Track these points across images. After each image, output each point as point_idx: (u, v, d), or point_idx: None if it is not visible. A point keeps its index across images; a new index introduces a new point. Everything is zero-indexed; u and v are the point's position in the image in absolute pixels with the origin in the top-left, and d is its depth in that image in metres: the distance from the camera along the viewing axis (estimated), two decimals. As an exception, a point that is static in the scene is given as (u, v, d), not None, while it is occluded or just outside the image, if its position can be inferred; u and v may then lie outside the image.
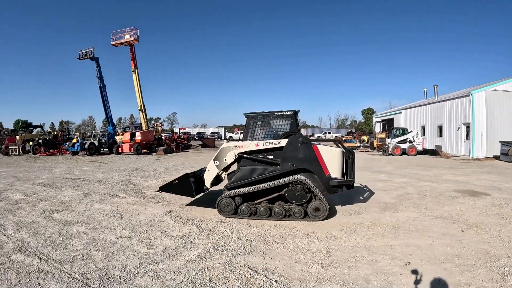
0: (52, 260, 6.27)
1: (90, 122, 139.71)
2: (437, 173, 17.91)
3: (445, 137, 32.08)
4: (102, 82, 36.60)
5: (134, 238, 7.47)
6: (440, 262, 6.05)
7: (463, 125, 29.09)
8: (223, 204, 9.23)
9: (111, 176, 17.66)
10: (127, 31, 40.39)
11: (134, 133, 35.69)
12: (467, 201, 10.93)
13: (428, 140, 34.12)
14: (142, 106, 42.79)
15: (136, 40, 40.42)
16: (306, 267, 5.89)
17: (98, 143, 34.66)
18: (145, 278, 5.47)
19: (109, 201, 11.29)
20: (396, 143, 30.36)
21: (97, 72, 36.38)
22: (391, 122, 46.09)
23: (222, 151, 9.65)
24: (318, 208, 8.76)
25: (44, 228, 8.31)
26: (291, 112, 9.52)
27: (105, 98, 36.92)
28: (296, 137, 9.11)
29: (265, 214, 8.95)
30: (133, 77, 41.95)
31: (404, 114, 42.89)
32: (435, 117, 34.37)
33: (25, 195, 12.49)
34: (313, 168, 9.02)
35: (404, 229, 8.08)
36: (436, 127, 33.87)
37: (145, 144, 35.37)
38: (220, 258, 6.28)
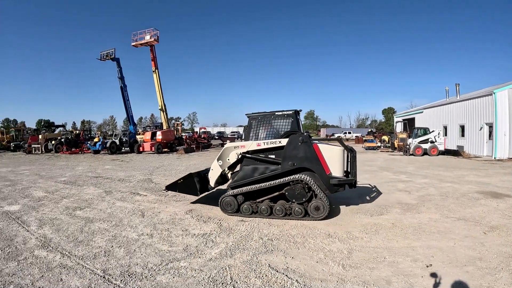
0: (75, 256, 6.38)
1: (111, 122, 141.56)
2: (459, 174, 17.66)
3: (467, 137, 31.55)
4: (123, 82, 37.02)
5: (156, 236, 7.55)
6: (462, 265, 5.97)
7: (486, 125, 28.53)
8: (225, 203, 9.41)
9: (132, 174, 17.86)
10: (147, 32, 40.70)
11: (155, 133, 35.93)
12: (489, 203, 10.75)
13: (449, 140, 33.61)
14: (162, 105, 43.09)
15: (157, 41, 40.70)
16: (327, 267, 5.87)
17: (119, 142, 35.06)
18: (166, 275, 5.53)
19: (131, 199, 11.43)
20: (418, 143, 29.98)
21: (118, 72, 36.83)
22: (412, 122, 45.57)
23: (225, 151, 9.75)
24: (318, 207, 8.78)
25: (67, 224, 8.46)
26: (292, 111, 9.58)
27: (126, 98, 37.31)
28: (297, 136, 9.13)
29: (266, 212, 9.06)
30: (154, 77, 42.26)
31: (425, 114, 42.35)
32: (457, 117, 33.83)
33: (48, 192, 12.71)
34: (314, 167, 9.03)
35: (426, 230, 7.99)
36: (458, 127, 33.34)
37: (166, 143, 35.62)
38: (241, 257, 6.31)
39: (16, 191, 13.11)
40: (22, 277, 5.49)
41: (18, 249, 6.76)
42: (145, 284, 5.23)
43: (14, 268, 5.83)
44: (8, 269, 5.79)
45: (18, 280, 5.36)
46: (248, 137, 9.79)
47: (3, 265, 5.98)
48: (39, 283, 5.26)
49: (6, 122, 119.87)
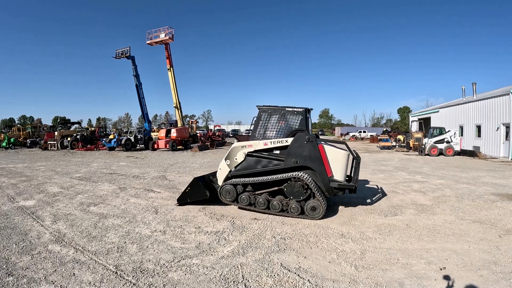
0: (88, 251, 6.44)
1: (126, 119, 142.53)
2: (475, 175, 17.44)
3: (484, 137, 31.14)
4: (138, 80, 37.17)
5: (169, 233, 7.58)
6: (476, 269, 5.89)
7: (503, 125, 28.12)
8: (225, 190, 9.54)
9: (147, 171, 17.96)
10: (162, 30, 40.73)
11: (169, 130, 36.15)
12: (506, 205, 10.60)
13: (466, 140, 33.26)
14: (177, 103, 43.17)
15: (171, 39, 40.72)
16: (339, 268, 5.84)
17: (134, 139, 35.29)
18: (178, 272, 5.55)
19: (145, 196, 11.49)
20: (433, 143, 29.66)
21: (133, 70, 36.99)
22: (428, 121, 45.30)
23: (233, 151, 9.71)
24: (315, 207, 8.80)
25: (81, 220, 8.53)
26: (303, 109, 9.60)
27: (141, 96, 37.47)
28: (303, 135, 9.12)
29: (263, 205, 9.13)
30: (169, 75, 42.33)
31: (441, 113, 41.99)
32: (473, 117, 33.43)
33: (63, 188, 12.84)
34: (316, 167, 9.03)
35: (441, 232, 7.90)
36: (475, 127, 32.94)
37: (180, 140, 35.83)
38: (254, 256, 6.31)
39: (31, 186, 13.25)
40: (35, 271, 5.55)
41: (32, 244, 6.83)
42: (157, 280, 5.25)
43: (27, 262, 5.90)
44: (22, 263, 5.85)
45: (32, 274, 5.42)
46: (256, 129, 9.79)
47: (17, 259, 6.05)
48: (51, 278, 5.31)
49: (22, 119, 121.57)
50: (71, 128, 47.46)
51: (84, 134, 38.35)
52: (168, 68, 42.08)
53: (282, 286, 5.13)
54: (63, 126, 48.16)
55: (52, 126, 52.77)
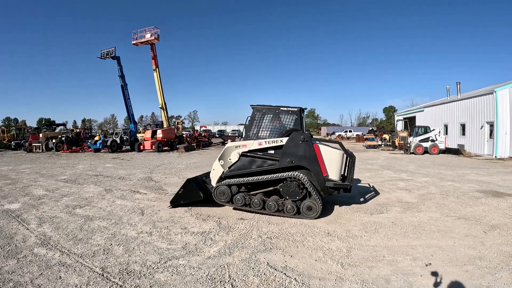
0: (74, 254, 6.39)
1: (112, 120, 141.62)
2: (460, 173, 17.63)
3: (468, 136, 31.51)
4: (123, 81, 36.96)
5: (155, 234, 7.55)
6: (462, 264, 5.96)
7: (487, 124, 28.49)
8: (219, 191, 9.45)
9: (133, 173, 17.86)
10: (147, 30, 40.51)
11: (155, 131, 35.94)
12: (490, 202, 10.73)
13: (450, 139, 33.57)
14: (163, 104, 42.99)
15: (157, 39, 40.52)
16: (325, 266, 5.87)
17: (120, 141, 35.15)
18: (165, 273, 5.52)
19: (131, 197, 11.43)
20: (418, 141, 29.92)
21: (119, 71, 36.75)
22: (413, 120, 45.64)
23: (227, 151, 9.65)
24: (311, 207, 8.80)
25: (66, 223, 8.46)
26: (297, 108, 9.59)
27: (126, 97, 37.25)
28: (298, 134, 9.12)
29: (259, 206, 9.09)
30: (154, 75, 42.15)
31: (426, 112, 42.37)
32: (457, 115, 33.81)
33: (48, 190, 12.72)
34: (311, 167, 9.02)
35: (426, 229, 7.98)
36: (459, 126, 33.32)
37: (166, 141, 35.66)
38: (240, 255, 6.31)
39: (16, 189, 13.11)
40: (21, 274, 5.49)
41: (18, 247, 6.76)
42: (144, 282, 5.23)
43: (13, 266, 5.83)
44: (8, 267, 5.79)
45: (18, 278, 5.36)
46: (250, 129, 9.75)
47: (3, 263, 5.98)
48: (38, 281, 5.26)
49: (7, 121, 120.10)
50: (56, 129, 46.95)
51: (69, 136, 38.06)
52: (154, 68, 41.90)
53: (268, 285, 5.13)
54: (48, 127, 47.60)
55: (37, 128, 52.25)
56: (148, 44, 41.00)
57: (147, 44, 41.02)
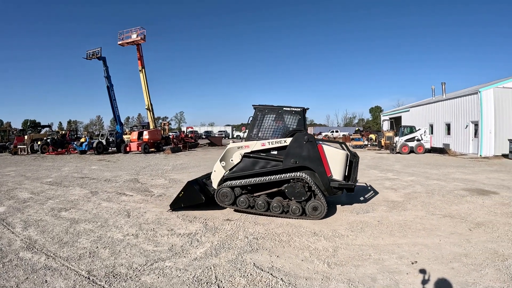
0: (60, 257, 6.31)
1: (98, 122, 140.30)
2: (446, 172, 17.82)
3: (453, 135, 31.91)
4: (109, 82, 36.74)
5: (141, 236, 7.50)
6: (448, 261, 6.01)
7: (471, 123, 28.88)
8: (222, 194, 9.29)
9: (119, 174, 17.74)
10: (133, 30, 40.35)
11: (141, 132, 35.71)
12: (475, 200, 10.86)
13: (436, 138, 33.95)
14: (149, 105, 42.84)
15: (143, 40, 40.37)
16: (312, 266, 5.88)
17: (106, 142, 34.83)
18: (151, 275, 5.49)
19: (117, 200, 11.34)
20: (404, 141, 30.22)
21: (105, 71, 36.52)
22: (399, 120, 45.99)
23: (228, 152, 9.54)
24: (317, 207, 8.75)
25: (52, 226, 8.36)
26: (300, 109, 9.55)
27: (112, 98, 37.05)
28: (302, 135, 9.09)
29: (263, 208, 8.97)
30: (141, 76, 41.99)
31: (412, 112, 42.76)
32: (443, 115, 34.21)
33: (34, 193, 12.57)
34: (316, 167, 9.00)
35: (412, 227, 8.05)
36: (444, 125, 33.71)
37: (153, 143, 35.45)
38: (226, 256, 6.29)
39: (1, 192, 12.93)
40: (7, 279, 5.41)
41: (3, 251, 6.66)
42: (130, 284, 5.19)
43: (-2, 270, 5.76)
44: (-8, 272, 5.71)
45: (3, 282, 5.29)
46: (253, 129, 9.69)
47: (-13, 267, 5.90)
48: (24, 285, 5.20)
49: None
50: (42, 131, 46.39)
51: (54, 138, 37.52)
52: (140, 69, 41.74)
53: (255, 286, 5.13)
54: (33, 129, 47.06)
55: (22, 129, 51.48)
56: (134, 44, 40.83)
57: (133, 44, 40.86)
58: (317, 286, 5.14)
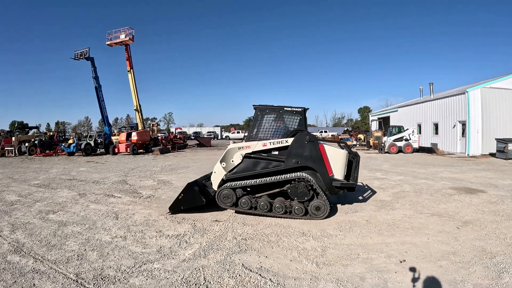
0: (48, 260, 6.25)
1: (86, 123, 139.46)
2: (434, 171, 17.96)
3: (441, 135, 32.21)
4: (97, 82, 36.44)
5: (129, 238, 7.45)
6: (436, 260, 6.06)
7: (459, 123, 29.19)
8: (223, 195, 9.18)
9: (107, 176, 17.62)
10: (122, 31, 40.11)
11: (130, 133, 35.57)
12: (463, 199, 10.97)
13: (424, 138, 34.21)
14: (138, 106, 42.65)
15: (132, 40, 40.16)
16: (301, 266, 5.89)
17: (94, 144, 34.54)
18: (139, 277, 5.46)
19: (105, 201, 11.26)
20: (392, 141, 30.43)
21: (93, 72, 36.20)
22: (387, 120, 46.27)
23: (229, 152, 9.43)
24: (319, 207, 8.74)
25: (40, 229, 8.28)
26: (301, 109, 9.57)
27: (101, 99, 36.75)
28: (304, 135, 9.10)
29: (266, 208, 8.89)
30: (129, 77, 41.76)
31: (400, 112, 43.02)
32: (430, 115, 34.50)
33: (21, 196, 12.45)
34: (317, 167, 9.01)
35: (400, 226, 8.09)
36: (432, 125, 33.99)
37: (141, 144, 35.31)
38: (215, 257, 6.27)
39: (-13, 195, 12.81)
40: (-6, 283, 5.37)
41: (-10, 255, 6.60)
42: (118, 287, 5.16)
43: (-15, 275, 5.69)
44: (-20, 276, 5.65)
45: (-10, 287, 5.24)
46: (253, 130, 9.66)
47: (-26, 271, 5.84)
48: (11, 289, 5.16)
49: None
50: (29, 133, 45.98)
51: (42, 139, 37.11)
52: (128, 70, 41.54)
53: (244, 287, 5.12)
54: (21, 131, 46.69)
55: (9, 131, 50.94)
56: (122, 45, 40.60)
57: (122, 45, 40.62)
58: (305, 286, 5.14)
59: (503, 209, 9.59)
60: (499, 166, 20.12)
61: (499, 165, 20.93)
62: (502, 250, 6.48)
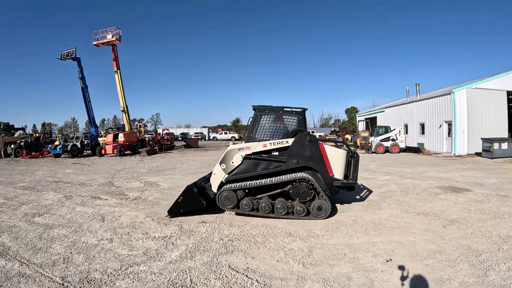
0: (33, 264, 6.19)
1: (73, 124, 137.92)
2: (420, 170, 18.10)
3: (427, 134, 32.49)
4: (84, 83, 36.07)
5: (116, 241, 7.40)
6: (422, 258, 6.11)
7: (445, 123, 29.47)
8: (224, 197, 9.07)
9: (94, 178, 17.48)
10: (109, 31, 39.67)
11: (117, 135, 35.25)
12: (449, 197, 11.08)
13: (410, 138, 34.46)
14: (124, 107, 42.28)
15: (119, 40, 39.78)
16: (287, 266, 5.90)
17: (81, 145, 34.28)
18: (125, 280, 5.43)
19: (91, 204, 11.17)
20: (379, 141, 30.62)
21: (79, 72, 35.79)
22: (374, 121, 46.55)
23: (229, 154, 9.35)
24: (321, 207, 8.78)
25: (25, 232, 8.19)
26: (301, 109, 9.62)
27: (87, 99, 36.38)
28: (304, 135, 9.13)
29: (267, 210, 8.84)
30: (116, 77, 41.35)
31: (387, 113, 43.31)
32: (417, 115, 34.79)
33: (7, 199, 12.31)
34: (318, 167, 9.06)
35: (387, 226, 8.15)
36: (419, 125, 34.28)
37: (128, 145, 35.08)
38: (201, 259, 6.26)
39: (-28, 198, 12.65)
40: (-21, 288, 5.31)
41: (-24, 259, 6.52)
42: (104, 290, 5.13)
43: (-30, 279, 5.63)
44: (-35, 280, 5.58)
45: (-25, 291, 5.19)
46: (253, 130, 9.67)
47: (-41, 275, 5.77)
48: (-3, 293, 5.11)
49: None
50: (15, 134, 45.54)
51: (28, 141, 36.69)
52: (115, 70, 41.12)
53: (230, 288, 5.12)
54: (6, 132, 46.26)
55: (-6, 133, 50.64)
56: (109, 45, 40.22)
57: (109, 45, 40.22)
58: (292, 287, 5.16)
59: (489, 208, 9.70)
60: (484, 165, 20.34)
61: (484, 164, 21.16)
62: (488, 248, 6.56)
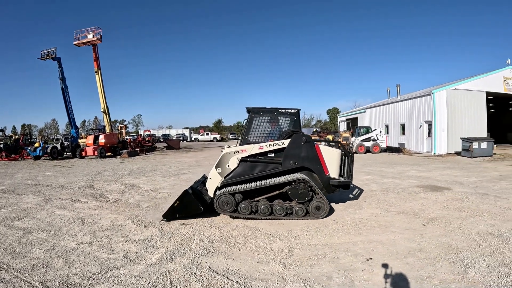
0: (12, 269, 6.09)
1: (53, 126, 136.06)
2: (401, 170, 18.29)
3: (408, 135, 32.86)
4: (64, 84, 35.55)
5: (95, 244, 7.32)
6: (402, 257, 6.18)
7: (425, 123, 29.84)
8: (222, 201, 8.89)
9: (74, 180, 17.26)
10: (90, 30, 39.11)
11: (97, 136, 34.77)
12: (429, 196, 11.22)
13: (391, 138, 34.79)
14: (105, 108, 41.76)
15: (99, 40, 39.26)
16: (268, 267, 5.91)
17: (61, 147, 33.84)
18: (105, 284, 5.38)
19: (71, 207, 11.03)
20: (360, 141, 30.86)
21: (59, 73, 35.23)
22: (355, 121, 46.88)
23: (224, 157, 9.31)
24: (319, 206, 8.82)
25: (4, 236, 8.06)
26: (296, 110, 9.65)
27: (67, 100, 35.88)
28: (300, 136, 9.21)
29: (267, 212, 8.79)
30: (96, 78, 40.80)
31: (368, 113, 43.67)
32: (398, 116, 35.17)
33: (-16, 202, 12.11)
34: (314, 167, 9.16)
35: (367, 225, 8.22)
36: (399, 125, 34.64)
37: (109, 147, 34.66)
38: (182, 261, 6.24)
39: None
40: (-42, 294, 5.22)
41: (-46, 265, 6.40)
42: (84, 294, 5.08)
43: (-52, 285, 5.52)
44: None
45: (-46, 298, 5.10)
46: (248, 132, 9.63)
47: None
48: (-25, 300, 5.03)
49: None
50: (-6, 136, 44.81)
51: (7, 143, 36.07)
52: (96, 70, 40.56)
53: (210, 290, 5.11)
54: (-16, 134, 45.39)
55: (-28, 135, 49.68)
56: (90, 45, 39.71)
57: (90, 45, 39.70)
58: (273, 287, 5.17)
59: (468, 206, 9.85)
60: (464, 164, 20.64)
61: (464, 163, 21.48)
62: (468, 246, 6.66)
